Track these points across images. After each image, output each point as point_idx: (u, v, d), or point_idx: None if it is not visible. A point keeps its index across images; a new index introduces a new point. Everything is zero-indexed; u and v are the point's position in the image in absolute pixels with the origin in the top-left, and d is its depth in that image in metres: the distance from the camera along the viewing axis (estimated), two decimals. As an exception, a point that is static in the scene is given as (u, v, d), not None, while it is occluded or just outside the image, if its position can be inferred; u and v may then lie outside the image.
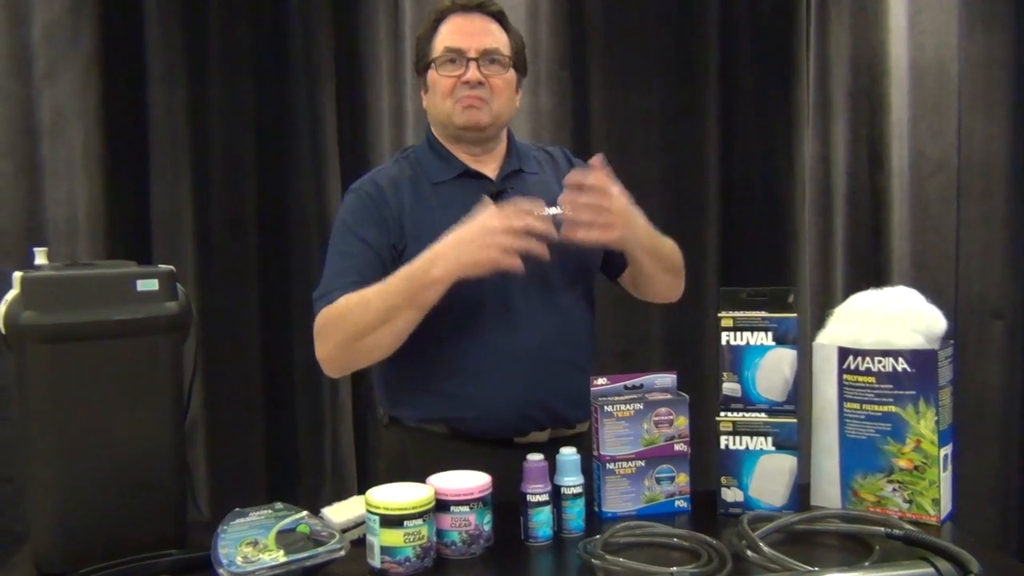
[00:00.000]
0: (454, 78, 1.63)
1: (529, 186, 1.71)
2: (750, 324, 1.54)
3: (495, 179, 1.70)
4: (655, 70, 2.70)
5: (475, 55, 1.63)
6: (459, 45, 1.63)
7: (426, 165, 1.71)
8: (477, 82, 1.62)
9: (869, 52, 2.76)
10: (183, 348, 1.45)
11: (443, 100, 1.65)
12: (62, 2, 2.43)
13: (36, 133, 2.45)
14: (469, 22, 1.66)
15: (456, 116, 1.65)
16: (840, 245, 2.80)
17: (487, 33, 1.66)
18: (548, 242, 1.47)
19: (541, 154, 1.84)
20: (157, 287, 1.38)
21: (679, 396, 1.55)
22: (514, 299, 1.63)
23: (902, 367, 1.43)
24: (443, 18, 1.67)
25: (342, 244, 1.64)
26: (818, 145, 2.78)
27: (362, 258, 1.60)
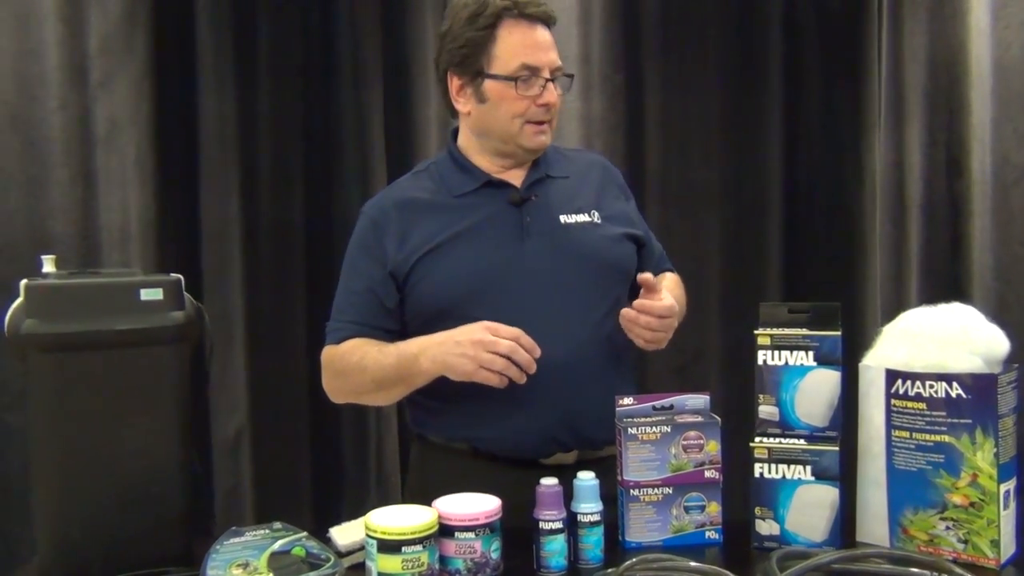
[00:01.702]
0: (529, 99, 1.56)
1: (554, 192, 1.65)
2: (789, 342, 1.44)
3: (520, 187, 1.62)
4: (714, 72, 2.60)
5: (549, 75, 1.57)
6: (537, 63, 1.55)
7: (447, 179, 1.64)
8: (555, 105, 1.58)
9: (947, 50, 2.60)
10: (190, 359, 1.41)
11: (511, 119, 1.57)
12: (117, 11, 2.45)
13: (91, 142, 2.47)
14: (539, 34, 1.57)
15: (526, 140, 1.59)
16: (914, 257, 2.66)
17: (552, 47, 1.59)
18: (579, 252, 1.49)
19: (573, 156, 1.77)
20: (162, 296, 1.35)
21: (711, 419, 1.44)
22: (540, 312, 1.55)
23: (957, 393, 1.30)
24: (500, 20, 1.55)
25: (348, 275, 1.65)
26: (890, 150, 2.64)
27: (361, 294, 1.61)
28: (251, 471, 2.55)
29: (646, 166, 2.59)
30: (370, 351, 1.55)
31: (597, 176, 1.73)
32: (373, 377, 1.54)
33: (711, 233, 2.60)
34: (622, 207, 1.73)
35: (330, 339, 1.62)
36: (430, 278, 1.56)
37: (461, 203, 1.60)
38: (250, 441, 2.55)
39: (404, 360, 1.50)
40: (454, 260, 1.56)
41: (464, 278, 1.55)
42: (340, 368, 1.59)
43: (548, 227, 1.60)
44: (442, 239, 1.57)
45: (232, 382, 2.53)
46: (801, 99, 2.61)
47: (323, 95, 2.55)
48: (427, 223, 1.59)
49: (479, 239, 1.57)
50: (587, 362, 1.57)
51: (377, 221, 1.62)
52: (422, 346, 1.49)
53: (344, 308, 1.63)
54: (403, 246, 1.58)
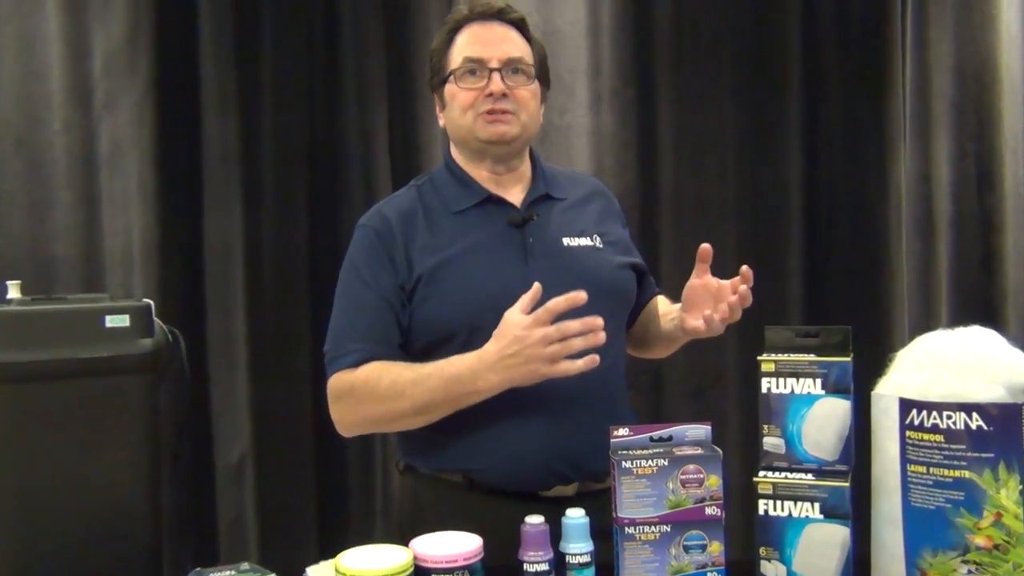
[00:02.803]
0: (475, 90, 1.51)
1: (556, 214, 1.58)
2: (795, 369, 1.34)
3: (520, 205, 1.56)
4: (730, 84, 2.54)
5: (497, 65, 1.50)
6: (479, 55, 1.51)
7: (445, 193, 1.58)
8: (501, 93, 1.50)
9: (976, 57, 2.54)
10: (159, 389, 1.35)
11: (463, 114, 1.52)
12: (120, 32, 2.44)
13: (95, 164, 2.46)
14: (489, 30, 1.54)
15: (480, 131, 1.52)
16: (944, 276, 2.58)
17: (508, 41, 1.53)
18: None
19: (570, 177, 1.70)
20: (128, 323, 1.29)
21: (712, 451, 1.34)
22: None
23: (977, 424, 1.19)
24: (459, 28, 1.55)
25: (352, 291, 1.53)
26: (917, 163, 2.58)
27: (373, 310, 1.50)
28: (254, 500, 2.50)
29: (659, 182, 2.54)
30: (402, 374, 1.44)
31: (597, 201, 1.66)
32: (414, 402, 1.43)
33: (727, 252, 2.52)
34: (621, 234, 1.67)
35: (339, 365, 1.49)
36: (432, 300, 1.49)
37: (461, 220, 1.54)
38: (253, 469, 2.50)
39: (456, 385, 1.40)
40: (456, 282, 1.49)
41: (468, 301, 1.48)
42: (364, 395, 1.46)
43: (551, 249, 1.53)
44: (442, 259, 1.50)
45: (235, 408, 2.49)
46: (821, 110, 2.55)
47: (327, 114, 2.52)
48: (427, 239, 1.52)
49: (481, 260, 1.51)
50: (588, 391, 1.49)
51: (381, 232, 1.53)
52: (472, 367, 1.39)
53: (352, 328, 1.51)
54: (408, 259, 1.51)
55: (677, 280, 2.09)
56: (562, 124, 2.49)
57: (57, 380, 1.24)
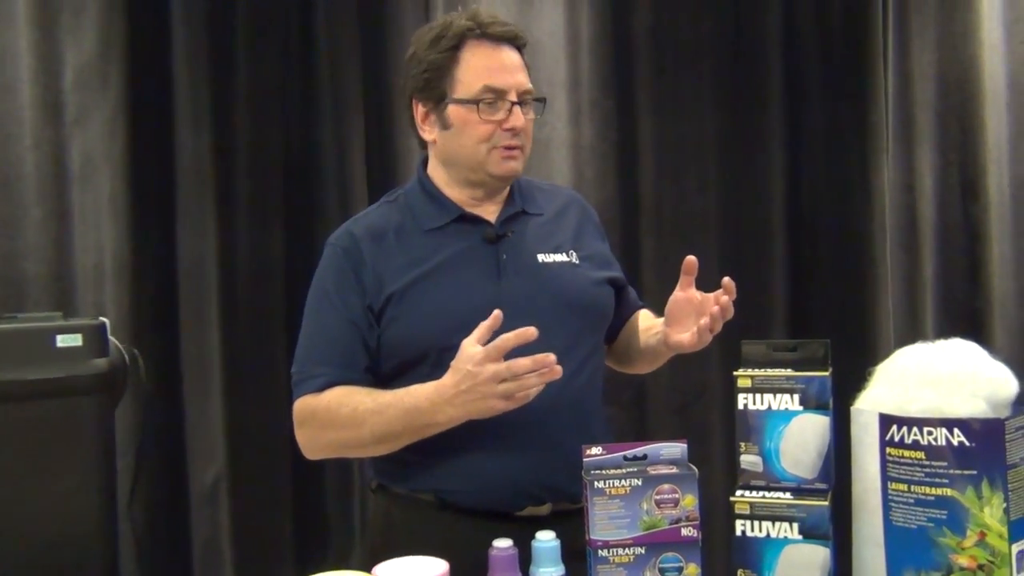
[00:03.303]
0: (494, 124, 1.45)
1: (531, 230, 1.54)
2: (772, 384, 1.29)
3: (495, 222, 1.52)
4: (710, 94, 2.53)
5: (516, 98, 1.46)
6: (501, 85, 1.45)
7: (417, 211, 1.53)
8: (522, 128, 1.47)
9: (958, 66, 2.53)
10: (115, 410, 1.30)
11: (476, 145, 1.46)
12: (92, 45, 2.42)
13: (66, 179, 2.43)
14: (505, 55, 1.47)
15: (493, 166, 1.47)
16: (929, 287, 2.56)
17: (520, 69, 1.48)
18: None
19: (549, 191, 1.66)
20: (81, 343, 1.24)
21: (688, 470, 1.30)
22: (513, 355, 1.40)
23: (959, 440, 1.15)
24: (462, 43, 1.46)
25: (319, 313, 1.50)
26: (900, 173, 2.56)
27: (339, 333, 1.47)
28: (229, 521, 2.46)
29: (639, 194, 2.52)
30: (363, 402, 1.41)
31: (575, 215, 1.62)
32: (373, 431, 1.40)
33: (710, 264, 2.38)
34: (600, 248, 1.63)
35: (305, 388, 1.47)
36: (403, 320, 1.46)
37: (432, 238, 1.50)
38: (228, 489, 2.46)
39: (416, 414, 1.38)
40: (427, 301, 1.46)
41: (439, 320, 1.44)
42: (327, 421, 1.45)
43: (525, 266, 1.50)
44: (413, 277, 1.46)
45: (209, 427, 2.45)
46: (803, 121, 2.53)
47: (302, 126, 2.49)
48: (398, 258, 1.48)
49: (453, 278, 1.47)
50: (562, 410, 1.45)
51: (349, 250, 1.49)
52: (431, 399, 1.36)
53: (318, 351, 1.48)
54: (377, 279, 1.47)
55: (659, 293, 2.06)
56: (541, 136, 2.47)
57: (5, 402, 1.20)
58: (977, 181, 2.52)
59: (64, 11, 2.40)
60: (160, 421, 2.42)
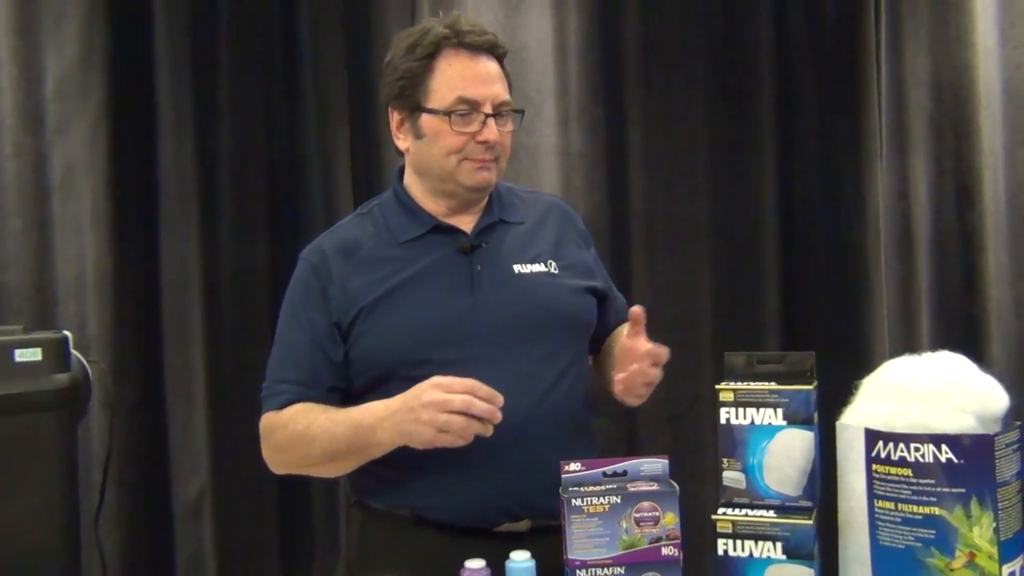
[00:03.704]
0: (467, 135, 1.42)
1: (508, 240, 1.51)
2: (755, 399, 1.26)
3: (470, 232, 1.49)
4: (701, 101, 2.49)
5: (491, 109, 1.43)
6: (475, 97, 1.42)
7: (391, 222, 1.51)
8: (496, 142, 1.43)
9: (952, 72, 2.50)
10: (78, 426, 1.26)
11: (447, 156, 1.44)
12: (73, 53, 2.38)
13: (47, 189, 2.39)
14: (481, 66, 1.44)
15: (465, 178, 1.45)
16: (924, 296, 2.52)
17: (497, 79, 1.46)
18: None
19: (529, 199, 1.62)
20: (40, 357, 1.20)
21: (669, 487, 1.26)
22: (491, 369, 1.40)
23: (947, 457, 1.11)
24: (438, 51, 1.44)
25: (287, 329, 1.51)
26: (894, 181, 2.53)
27: (303, 351, 1.47)
28: (214, 536, 2.41)
29: (629, 203, 2.48)
30: (317, 419, 1.41)
31: (555, 222, 1.58)
32: (324, 449, 1.40)
33: (701, 274, 2.48)
34: (582, 256, 1.58)
35: (269, 404, 1.48)
36: (373, 333, 1.43)
37: (406, 250, 1.47)
38: (212, 504, 2.42)
39: (360, 431, 1.37)
40: (398, 314, 1.43)
41: (410, 333, 1.42)
42: (284, 439, 1.45)
43: (500, 277, 1.47)
44: (384, 290, 1.44)
45: (193, 441, 2.41)
46: (795, 128, 2.50)
47: (287, 136, 2.45)
48: (369, 271, 1.46)
49: (425, 290, 1.44)
50: (540, 424, 1.43)
51: (318, 266, 1.49)
52: (377, 415, 1.35)
53: (284, 367, 1.49)
54: (345, 295, 1.45)
55: (648, 305, 2.02)
56: (529, 144, 2.44)
57: (-39, 419, 1.15)
58: (972, 188, 2.48)
59: (45, 18, 2.37)
60: (143, 434, 2.38)
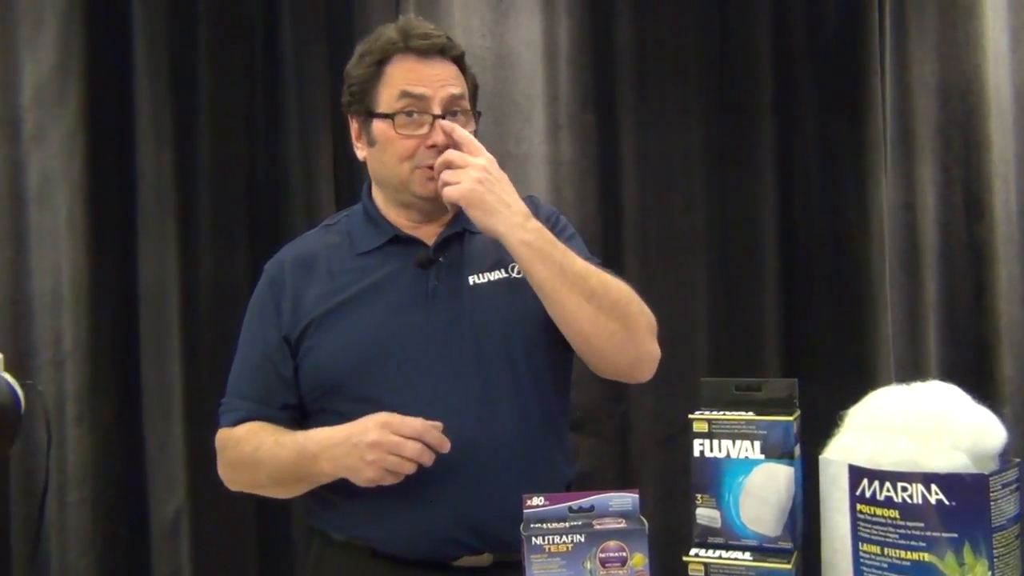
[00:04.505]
0: (416, 139, 1.36)
1: (469, 250, 1.44)
2: (730, 429, 1.17)
3: (432, 244, 1.42)
4: (696, 107, 2.44)
5: (439, 109, 1.36)
6: (420, 91, 1.36)
7: (354, 233, 1.46)
8: (445, 145, 1.35)
9: (961, 78, 2.43)
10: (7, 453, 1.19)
11: (398, 164, 1.38)
12: (50, 60, 2.35)
13: (23, 199, 2.36)
14: (430, 67, 1.38)
15: (416, 186, 1.38)
16: (932, 312, 2.45)
17: (449, 80, 1.39)
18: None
19: None
20: (-37, 380, 1.13)
21: (637, 524, 1.17)
22: (442, 390, 1.35)
23: (937, 498, 1.01)
24: (388, 58, 1.38)
25: (244, 343, 1.50)
26: (900, 191, 2.47)
27: (256, 368, 1.46)
28: (191, 556, 2.36)
29: (622, 214, 2.43)
30: (265, 442, 1.38)
31: None
32: (269, 474, 1.39)
33: (697, 288, 2.42)
34: None
35: (224, 420, 1.47)
36: (321, 347, 1.39)
37: (362, 262, 1.43)
38: (190, 523, 2.37)
39: (303, 459, 1.34)
40: (345, 328, 1.39)
41: (357, 348, 1.37)
42: (235, 458, 1.44)
43: (455, 291, 1.40)
44: (334, 304, 1.40)
45: (170, 459, 2.36)
46: (795, 136, 2.44)
47: (268, 144, 2.42)
48: (322, 283, 1.42)
49: (376, 304, 1.39)
50: (496, 450, 1.35)
51: (274, 280, 1.46)
52: (321, 444, 1.32)
53: (240, 383, 1.48)
54: (296, 308, 1.42)
55: None
56: (518, 152, 2.39)
57: None
58: (982, 199, 2.42)
59: (22, 24, 2.34)
60: (119, 451, 2.34)
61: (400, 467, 1.24)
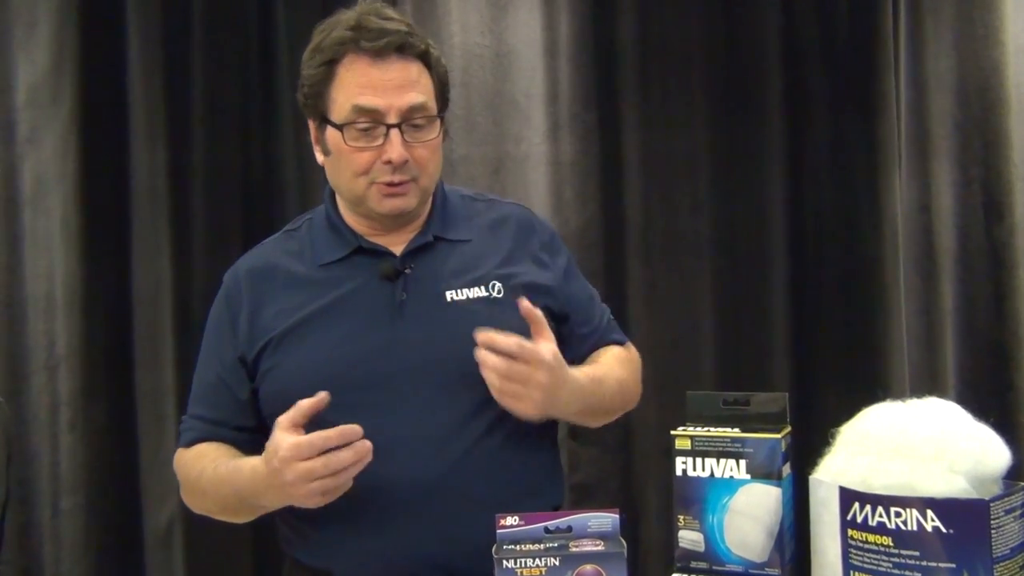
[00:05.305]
0: (371, 151, 1.26)
1: (443, 262, 1.35)
2: (715, 447, 1.10)
3: (400, 254, 1.34)
4: (702, 106, 2.38)
5: (396, 119, 1.25)
6: (374, 105, 1.25)
7: (316, 241, 1.37)
8: (403, 161, 1.26)
9: (979, 73, 2.36)
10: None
11: (353, 178, 1.29)
12: (45, 61, 2.34)
13: (18, 202, 2.35)
14: (383, 70, 1.25)
15: (374, 203, 1.29)
16: (949, 318, 2.38)
17: (408, 84, 1.27)
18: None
19: (486, 209, 1.45)
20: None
21: (616, 547, 1.10)
22: (411, 414, 1.27)
23: (933, 525, 0.94)
24: (340, 56, 1.27)
25: (201, 360, 1.42)
26: (915, 192, 2.40)
27: (211, 388, 1.38)
28: (184, 566, 2.34)
29: (625, 216, 2.37)
30: (206, 470, 1.31)
31: (509, 235, 1.41)
32: (216, 503, 1.34)
33: (702, 293, 2.36)
34: (537, 274, 1.40)
35: (180, 441, 1.41)
36: (280, 369, 1.30)
37: (325, 275, 1.33)
38: (183, 532, 2.34)
39: (242, 495, 1.27)
40: (305, 349, 1.29)
41: (318, 371, 1.27)
42: (184, 482, 1.39)
43: (427, 307, 1.31)
44: (294, 321, 1.30)
45: (163, 467, 2.31)
46: (805, 135, 2.38)
47: (263, 145, 2.38)
48: (282, 298, 1.33)
49: (340, 322, 1.30)
50: (467, 477, 1.27)
51: (231, 294, 1.38)
52: (254, 482, 1.23)
53: (195, 402, 1.41)
54: (253, 326, 1.33)
55: (647, 325, 1.90)
56: (518, 153, 2.34)
57: None
58: (1002, 200, 2.34)
59: (16, 25, 2.33)
60: (113, 459, 2.32)
61: (326, 487, 1.14)
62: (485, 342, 1.19)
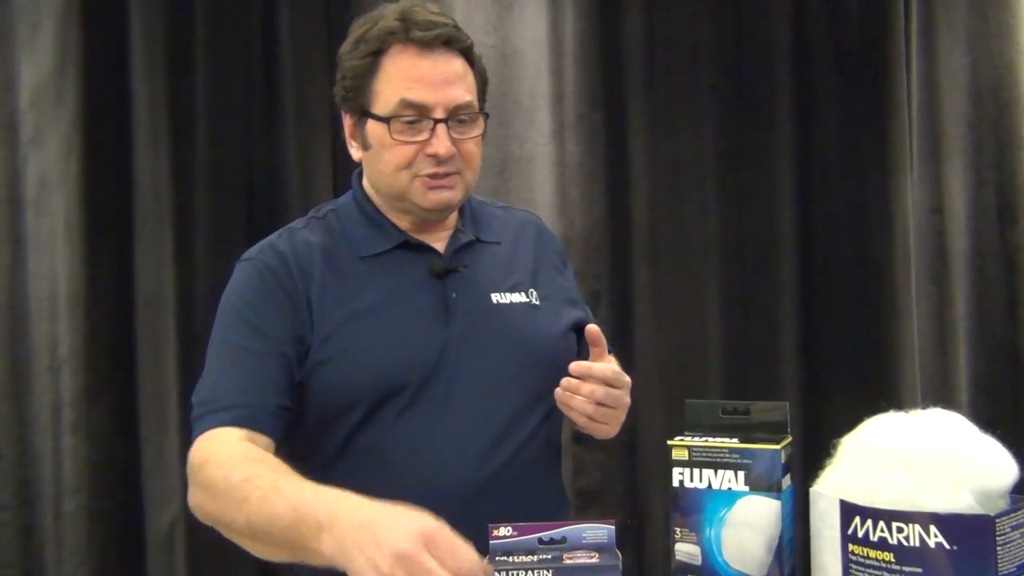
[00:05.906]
0: (415, 145, 1.24)
1: (485, 263, 1.35)
2: (713, 457, 1.09)
3: (444, 252, 1.32)
4: (710, 107, 2.37)
5: (443, 114, 1.24)
6: (422, 100, 1.23)
7: (352, 233, 1.32)
8: (450, 155, 1.24)
9: (993, 73, 2.36)
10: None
11: (395, 172, 1.26)
12: (47, 62, 2.32)
13: (21, 203, 2.32)
14: (433, 65, 1.24)
15: (418, 197, 1.27)
16: (961, 323, 2.38)
17: (455, 79, 1.26)
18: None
19: (503, 216, 1.46)
20: None
21: (611, 559, 1.08)
22: (463, 415, 1.26)
23: (936, 541, 0.91)
24: (385, 48, 1.25)
25: (233, 338, 1.26)
26: (927, 194, 2.40)
27: (255, 361, 1.22)
28: (186, 568, 2.31)
29: (631, 218, 2.36)
30: (263, 476, 1.09)
31: (531, 242, 1.42)
32: (249, 518, 1.07)
33: (710, 297, 2.35)
34: (561, 284, 1.43)
35: (206, 423, 1.19)
36: (334, 363, 1.24)
37: (369, 267, 1.29)
38: (185, 534, 2.32)
39: (302, 523, 1.01)
40: (363, 344, 1.25)
41: (373, 366, 1.24)
42: (214, 479, 1.13)
43: (477, 307, 1.30)
44: (347, 314, 1.25)
45: (166, 469, 2.30)
46: (815, 136, 2.38)
47: (266, 145, 2.36)
48: (331, 287, 1.27)
49: (394, 318, 1.27)
50: (508, 488, 1.27)
51: (275, 268, 1.27)
52: (333, 515, 0.99)
53: (225, 379, 1.23)
54: (310, 309, 1.24)
55: (652, 329, 1.88)
56: (522, 154, 2.32)
57: None
58: (1016, 203, 2.34)
59: (19, 25, 2.31)
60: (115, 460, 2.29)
61: None
62: (581, 372, 1.20)
